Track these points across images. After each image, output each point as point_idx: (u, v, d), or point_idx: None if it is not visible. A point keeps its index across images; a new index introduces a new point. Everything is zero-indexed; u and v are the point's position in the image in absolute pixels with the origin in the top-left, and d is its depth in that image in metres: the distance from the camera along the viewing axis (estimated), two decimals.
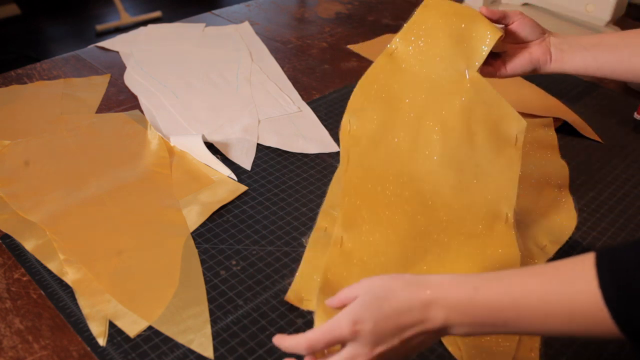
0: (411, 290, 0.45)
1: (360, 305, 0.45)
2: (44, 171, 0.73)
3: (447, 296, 0.44)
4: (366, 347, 0.44)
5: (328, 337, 0.44)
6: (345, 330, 0.44)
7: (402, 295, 0.45)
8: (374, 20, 1.21)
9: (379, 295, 0.45)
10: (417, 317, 0.44)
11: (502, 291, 0.43)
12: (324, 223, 0.67)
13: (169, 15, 2.96)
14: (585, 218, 0.70)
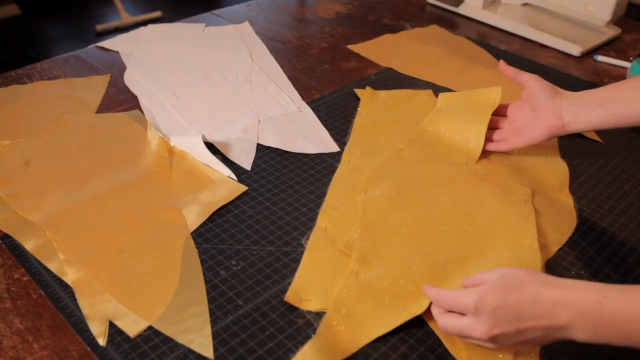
0: (540, 287, 0.48)
1: (490, 288, 0.49)
2: (44, 171, 0.73)
3: (575, 299, 0.47)
4: (484, 325, 0.49)
5: (453, 300, 0.51)
6: (469, 303, 0.49)
7: (530, 290, 0.48)
8: (374, 20, 1.21)
9: (509, 284, 0.49)
10: (539, 311, 0.47)
11: (630, 302, 0.45)
12: (324, 223, 0.67)
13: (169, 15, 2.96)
14: (585, 218, 0.70)
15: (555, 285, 0.48)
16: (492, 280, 0.50)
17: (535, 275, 0.50)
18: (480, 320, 0.49)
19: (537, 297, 0.47)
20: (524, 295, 0.48)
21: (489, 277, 0.51)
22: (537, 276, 0.49)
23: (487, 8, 1.21)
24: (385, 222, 0.66)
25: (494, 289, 0.49)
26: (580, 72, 1.04)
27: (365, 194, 0.70)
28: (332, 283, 0.59)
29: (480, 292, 0.49)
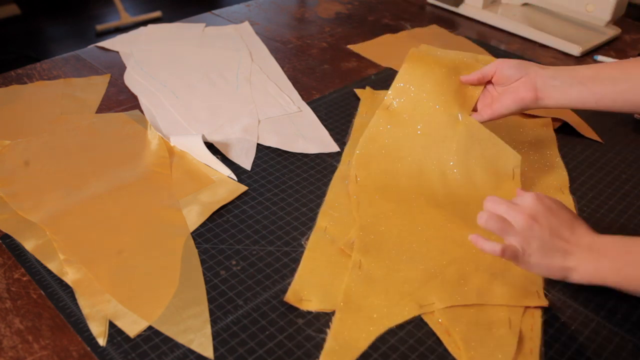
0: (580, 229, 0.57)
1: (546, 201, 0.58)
2: (44, 171, 0.73)
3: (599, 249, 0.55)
4: (531, 210, 0.56)
5: (507, 207, 0.57)
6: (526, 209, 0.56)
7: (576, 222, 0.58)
8: (374, 20, 1.21)
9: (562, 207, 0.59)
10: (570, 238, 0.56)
11: None
12: (324, 223, 0.67)
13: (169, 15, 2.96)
14: (585, 218, 0.70)
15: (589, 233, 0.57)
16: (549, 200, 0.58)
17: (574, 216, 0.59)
18: (530, 207, 0.56)
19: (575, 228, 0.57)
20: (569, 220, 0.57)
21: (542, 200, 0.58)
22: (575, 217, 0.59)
23: (487, 8, 1.21)
24: (380, 213, 0.67)
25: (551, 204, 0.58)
26: None
27: (357, 183, 0.71)
28: (332, 283, 0.59)
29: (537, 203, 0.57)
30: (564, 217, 0.57)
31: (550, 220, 0.56)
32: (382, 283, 0.59)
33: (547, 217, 0.56)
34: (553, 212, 0.56)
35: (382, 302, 0.57)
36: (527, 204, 0.57)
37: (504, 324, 0.55)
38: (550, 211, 0.56)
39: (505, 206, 0.57)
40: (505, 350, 0.53)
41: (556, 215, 0.56)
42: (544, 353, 0.54)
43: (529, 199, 0.57)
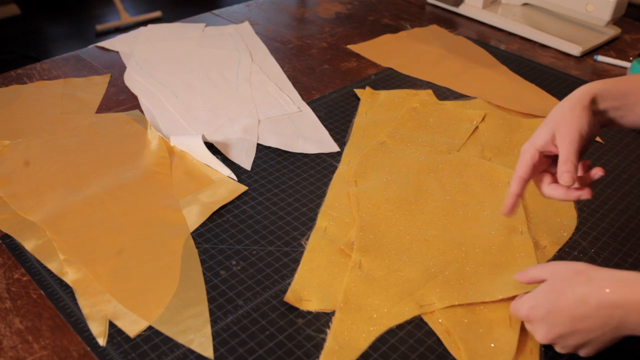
0: (586, 288, 0.47)
1: (538, 294, 0.51)
2: (44, 171, 0.73)
3: (626, 296, 0.46)
4: (541, 332, 0.50)
5: (512, 311, 0.53)
6: (523, 312, 0.51)
7: (578, 291, 0.48)
8: (374, 20, 1.21)
9: (557, 287, 0.49)
10: (589, 312, 0.47)
11: None
12: (324, 223, 0.67)
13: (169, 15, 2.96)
14: (585, 218, 0.70)
15: (598, 282, 0.47)
16: (541, 284, 0.51)
17: (585, 272, 0.49)
18: (536, 327, 0.51)
19: (585, 299, 0.47)
20: (572, 296, 0.48)
21: (543, 274, 0.52)
22: (587, 273, 0.49)
23: (487, 8, 1.21)
24: (380, 213, 0.68)
25: (543, 294, 0.50)
26: (580, 72, 1.04)
27: (356, 187, 0.72)
28: (332, 283, 0.59)
29: (529, 300, 0.51)
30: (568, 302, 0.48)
31: (556, 320, 0.49)
32: (382, 283, 0.59)
33: (552, 321, 0.49)
34: (552, 312, 0.49)
35: (382, 302, 0.57)
36: (529, 327, 0.52)
37: (504, 324, 0.55)
38: (549, 314, 0.49)
39: None
40: (505, 350, 0.53)
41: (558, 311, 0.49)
42: (544, 353, 0.54)
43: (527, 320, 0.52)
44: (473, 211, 0.68)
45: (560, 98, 0.94)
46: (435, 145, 0.80)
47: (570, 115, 0.57)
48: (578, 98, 0.58)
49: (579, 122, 0.57)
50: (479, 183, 0.73)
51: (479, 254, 0.62)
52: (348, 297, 0.57)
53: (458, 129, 0.83)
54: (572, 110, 0.57)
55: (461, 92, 0.94)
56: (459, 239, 0.64)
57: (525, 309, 0.51)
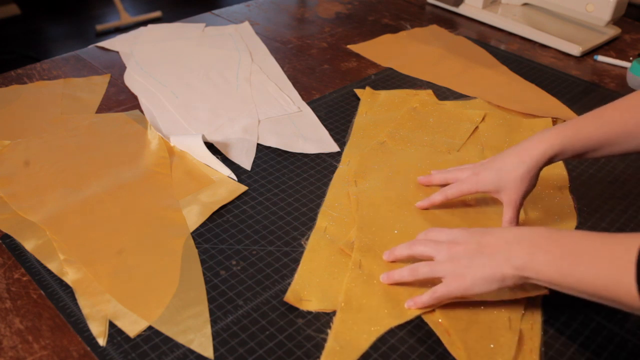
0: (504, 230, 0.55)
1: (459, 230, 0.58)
2: (44, 171, 0.73)
3: (531, 236, 0.52)
4: (450, 241, 0.56)
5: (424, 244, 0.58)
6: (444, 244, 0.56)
7: (496, 229, 0.56)
8: (374, 20, 1.21)
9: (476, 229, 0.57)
10: (497, 239, 0.54)
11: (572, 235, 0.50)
12: (324, 223, 0.67)
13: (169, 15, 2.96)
14: (585, 218, 0.70)
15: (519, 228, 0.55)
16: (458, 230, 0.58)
17: None
18: (447, 238, 0.57)
19: (501, 231, 0.55)
20: (490, 230, 0.55)
21: None
22: None
23: (487, 8, 1.21)
24: (380, 213, 0.68)
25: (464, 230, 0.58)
26: (580, 72, 1.04)
27: (356, 187, 0.72)
28: (332, 283, 0.59)
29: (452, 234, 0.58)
30: (493, 229, 0.56)
31: (473, 236, 0.55)
32: (382, 283, 0.59)
33: (471, 235, 0.56)
34: (477, 231, 0.56)
35: (382, 302, 0.57)
36: (447, 236, 0.57)
37: (503, 324, 0.55)
38: (473, 231, 0.56)
39: (421, 246, 0.58)
40: (505, 350, 0.53)
41: (480, 231, 0.56)
42: (544, 353, 0.54)
43: (444, 231, 0.58)
44: (472, 211, 0.68)
45: (560, 98, 0.94)
46: (435, 145, 0.80)
47: (521, 183, 0.62)
48: (535, 162, 0.62)
49: (528, 188, 0.63)
50: None
51: None
52: (349, 297, 0.57)
53: (458, 129, 0.83)
54: (525, 177, 0.62)
55: (461, 92, 0.94)
56: None
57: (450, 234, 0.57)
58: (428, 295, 0.56)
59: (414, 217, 0.67)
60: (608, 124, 0.61)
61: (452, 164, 0.75)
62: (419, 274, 0.57)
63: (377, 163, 0.76)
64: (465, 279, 0.54)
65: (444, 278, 0.55)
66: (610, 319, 0.57)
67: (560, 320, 0.57)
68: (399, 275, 0.58)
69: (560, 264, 0.49)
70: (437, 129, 0.83)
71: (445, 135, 0.82)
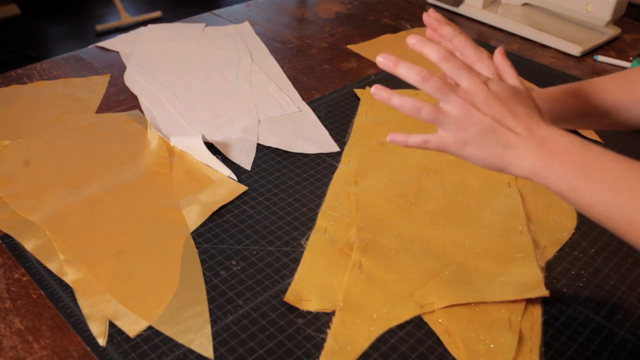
0: (536, 115, 0.49)
1: (503, 84, 0.50)
2: (44, 171, 0.73)
3: (553, 138, 0.47)
4: (472, 95, 0.49)
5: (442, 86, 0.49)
6: (480, 78, 0.50)
7: (529, 111, 0.50)
8: (374, 20, 1.21)
9: (519, 94, 0.50)
10: (518, 126, 0.48)
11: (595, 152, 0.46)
12: (324, 223, 0.67)
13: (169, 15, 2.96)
14: (585, 218, 0.70)
15: (548, 123, 0.49)
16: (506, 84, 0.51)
17: (539, 109, 0.51)
18: (474, 90, 0.49)
19: (530, 118, 0.49)
20: (522, 107, 0.49)
21: None
22: (540, 110, 0.51)
23: (487, 8, 1.21)
24: (380, 213, 0.68)
25: (508, 88, 0.50)
26: (580, 72, 1.04)
27: (356, 187, 0.72)
28: (332, 283, 0.59)
29: (494, 81, 0.51)
30: (518, 106, 0.49)
31: (495, 107, 0.48)
32: (382, 283, 0.59)
33: (492, 104, 0.48)
34: (502, 99, 0.49)
35: (382, 302, 0.57)
36: (471, 87, 0.49)
37: (504, 324, 0.55)
38: (498, 98, 0.49)
39: (440, 84, 0.49)
40: (505, 350, 0.53)
41: (506, 103, 0.49)
42: (544, 353, 0.54)
43: (469, 77, 0.50)
44: (473, 211, 0.68)
45: None
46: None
47: None
48: None
49: None
50: (479, 183, 0.73)
51: (479, 254, 0.62)
52: (348, 297, 0.57)
53: None
54: None
55: None
56: (459, 239, 0.64)
57: (496, 80, 0.51)
58: (419, 140, 0.50)
59: (414, 217, 0.67)
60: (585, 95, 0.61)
61: (452, 163, 0.75)
62: (421, 113, 0.49)
63: (377, 163, 0.76)
64: (466, 147, 0.49)
65: (442, 130, 0.50)
66: (610, 319, 0.57)
67: (560, 320, 0.57)
68: (399, 99, 0.50)
69: (575, 182, 0.45)
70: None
71: None
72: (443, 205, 0.69)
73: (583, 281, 0.61)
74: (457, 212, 0.68)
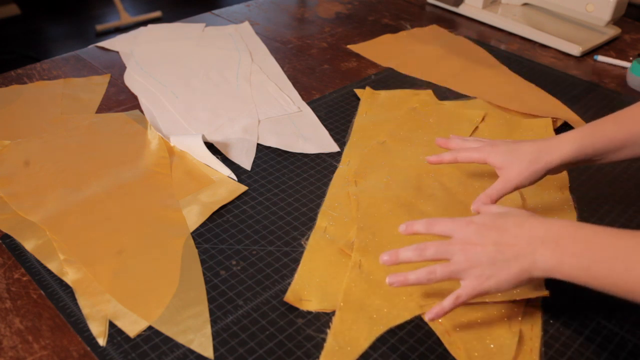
0: (526, 220, 0.52)
1: (483, 214, 0.56)
2: (44, 171, 0.73)
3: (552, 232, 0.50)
4: (466, 238, 0.53)
5: (449, 225, 0.54)
6: (463, 222, 0.54)
7: (518, 219, 0.53)
8: (374, 20, 1.21)
9: (502, 213, 0.55)
10: (517, 237, 0.51)
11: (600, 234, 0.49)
12: (324, 223, 0.67)
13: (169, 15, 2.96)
14: (585, 218, 0.70)
15: (541, 220, 0.52)
16: (488, 211, 0.57)
17: (528, 212, 0.55)
18: (465, 234, 0.53)
19: (522, 225, 0.52)
20: (512, 220, 0.53)
21: (491, 209, 0.58)
22: (530, 213, 0.54)
23: (487, 8, 1.21)
24: (380, 213, 0.68)
25: (488, 215, 0.55)
26: (580, 72, 1.04)
27: (356, 187, 0.72)
28: (332, 283, 0.59)
29: (474, 217, 0.54)
30: (505, 223, 0.53)
31: (489, 234, 0.52)
32: (382, 283, 0.59)
33: (485, 233, 0.52)
34: (488, 226, 0.53)
35: (382, 302, 0.57)
36: (461, 232, 0.53)
37: (504, 324, 0.55)
38: (484, 227, 0.53)
39: (435, 247, 0.53)
40: (505, 350, 0.53)
41: (495, 226, 0.53)
42: (544, 353, 0.54)
43: (456, 227, 0.54)
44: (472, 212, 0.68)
45: (560, 98, 0.94)
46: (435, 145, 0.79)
47: (526, 169, 0.63)
48: (544, 165, 0.63)
49: (528, 177, 0.63)
50: (479, 183, 0.73)
51: None
52: (348, 297, 0.57)
53: (458, 129, 0.83)
54: (532, 166, 0.63)
55: (461, 92, 0.94)
56: None
57: (475, 217, 0.54)
58: (451, 301, 0.52)
59: (414, 217, 0.67)
60: (627, 124, 0.62)
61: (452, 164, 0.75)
62: (437, 277, 0.53)
63: (377, 163, 0.76)
64: (489, 280, 0.51)
65: (463, 280, 0.52)
66: (610, 319, 0.57)
67: (560, 320, 0.57)
68: (415, 275, 0.53)
69: (593, 268, 0.48)
70: (437, 129, 0.83)
71: (445, 135, 0.82)
72: (443, 205, 0.69)
73: None
74: (457, 212, 0.68)
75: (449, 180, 0.73)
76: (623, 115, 0.63)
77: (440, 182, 0.72)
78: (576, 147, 0.62)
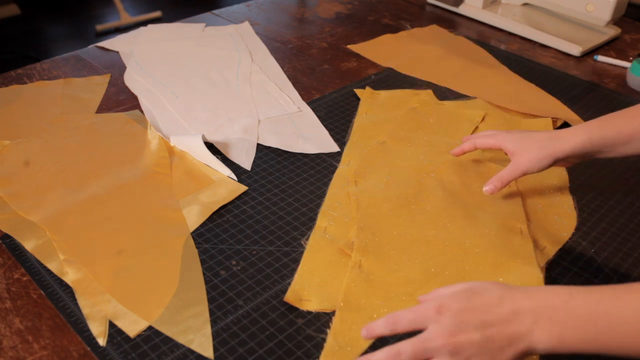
0: (507, 292, 0.46)
1: (451, 294, 0.47)
2: (44, 171, 0.73)
3: (541, 297, 0.45)
4: (445, 330, 0.44)
5: (412, 315, 0.46)
6: (430, 309, 0.46)
7: (496, 294, 0.46)
8: (374, 20, 1.21)
9: (474, 290, 0.46)
10: (505, 314, 0.44)
11: (595, 300, 0.43)
12: (324, 223, 0.67)
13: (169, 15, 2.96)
14: (585, 218, 0.70)
15: (521, 290, 0.46)
16: (453, 290, 0.48)
17: (501, 284, 0.47)
18: (442, 326, 0.44)
19: (503, 299, 0.45)
20: (489, 298, 0.45)
21: (449, 289, 0.48)
22: (503, 284, 0.47)
23: (487, 8, 1.21)
24: (380, 213, 0.68)
25: (455, 294, 0.47)
26: (580, 72, 1.04)
27: (356, 187, 0.72)
28: (332, 283, 0.59)
29: (441, 299, 0.46)
30: (482, 301, 0.46)
31: (470, 319, 0.45)
32: (382, 283, 0.59)
33: (464, 320, 0.45)
34: (465, 309, 0.45)
35: (382, 302, 0.57)
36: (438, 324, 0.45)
37: None
38: (461, 312, 0.45)
39: (411, 352, 0.45)
40: None
41: (471, 309, 0.45)
42: None
43: (425, 319, 0.46)
44: (473, 211, 0.68)
45: (560, 98, 0.94)
46: (435, 145, 0.80)
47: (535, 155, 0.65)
48: (552, 152, 0.65)
49: (538, 163, 0.65)
50: (479, 183, 0.73)
51: (479, 254, 0.62)
52: (348, 297, 0.57)
53: (458, 129, 0.83)
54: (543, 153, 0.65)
55: (461, 92, 0.94)
56: (459, 239, 0.64)
57: (435, 304, 0.46)
58: None
59: (414, 217, 0.67)
60: (637, 118, 0.63)
61: (452, 163, 0.75)
62: None
63: (377, 163, 0.76)
64: None
65: None
66: None
67: None
68: None
69: (601, 339, 0.43)
70: (437, 129, 0.83)
71: (445, 135, 0.82)
72: (443, 205, 0.69)
73: (583, 281, 0.61)
74: (457, 212, 0.68)
75: (449, 181, 0.73)
76: (634, 110, 0.65)
77: (440, 182, 0.72)
78: (586, 138, 0.64)
